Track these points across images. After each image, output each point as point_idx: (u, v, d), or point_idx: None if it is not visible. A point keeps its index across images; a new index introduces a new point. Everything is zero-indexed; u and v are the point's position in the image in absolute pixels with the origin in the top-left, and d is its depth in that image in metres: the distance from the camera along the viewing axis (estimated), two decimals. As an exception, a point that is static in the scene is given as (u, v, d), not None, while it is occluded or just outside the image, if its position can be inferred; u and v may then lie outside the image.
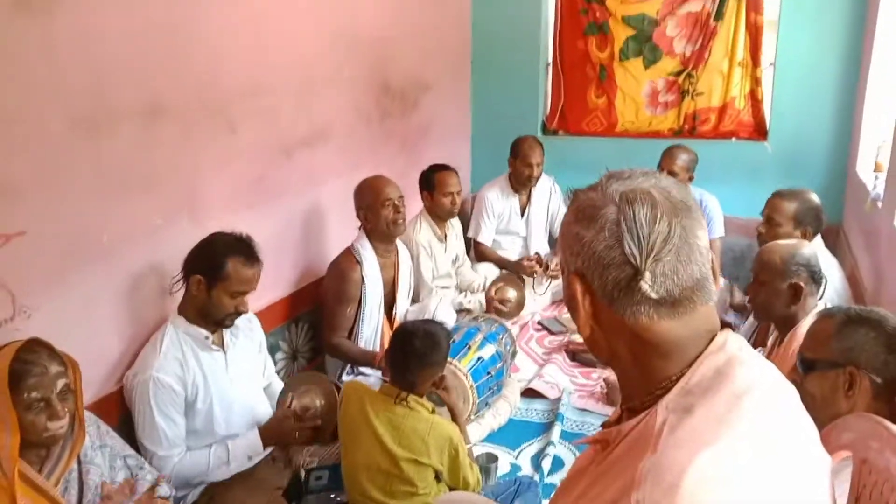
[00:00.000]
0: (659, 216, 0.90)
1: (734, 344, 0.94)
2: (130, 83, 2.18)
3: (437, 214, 3.79)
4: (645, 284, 0.89)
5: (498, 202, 4.35)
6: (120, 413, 2.22)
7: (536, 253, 4.27)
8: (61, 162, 1.97)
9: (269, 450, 2.41)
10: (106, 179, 2.12)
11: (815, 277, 2.31)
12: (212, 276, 2.18)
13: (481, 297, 3.80)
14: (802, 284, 2.26)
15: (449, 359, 2.40)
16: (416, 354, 2.14)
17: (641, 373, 0.94)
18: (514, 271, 4.13)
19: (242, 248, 2.23)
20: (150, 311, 2.34)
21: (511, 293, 3.81)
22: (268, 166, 2.89)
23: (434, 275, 3.76)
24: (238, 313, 2.26)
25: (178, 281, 2.25)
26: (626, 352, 0.95)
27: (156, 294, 2.35)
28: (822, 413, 1.61)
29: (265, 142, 2.87)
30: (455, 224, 4.05)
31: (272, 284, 2.98)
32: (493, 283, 3.89)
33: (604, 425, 1.06)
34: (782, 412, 0.92)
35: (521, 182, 4.27)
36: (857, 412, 1.10)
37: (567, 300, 1.00)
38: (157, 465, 2.14)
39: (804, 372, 1.69)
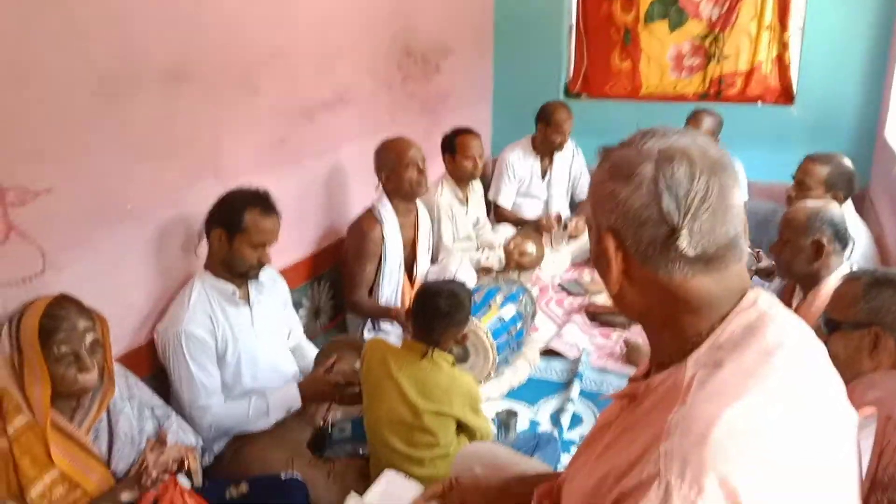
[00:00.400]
0: (697, 174, 0.90)
1: (765, 301, 0.94)
2: (154, 46, 2.18)
3: (459, 177, 3.79)
4: (682, 242, 0.89)
5: (519, 165, 4.33)
6: (150, 366, 2.28)
7: (557, 212, 4.26)
8: (85, 123, 1.99)
9: (296, 404, 2.45)
10: (129, 141, 2.14)
11: (840, 236, 2.29)
12: (231, 229, 2.21)
13: (500, 253, 3.81)
14: (825, 242, 2.24)
15: (470, 317, 2.42)
16: (440, 314, 2.17)
17: (672, 329, 0.95)
18: (534, 229, 4.13)
19: (259, 199, 2.26)
20: (177, 267, 2.38)
21: (530, 247, 3.82)
22: (290, 129, 2.90)
23: (455, 237, 3.77)
24: (261, 265, 2.29)
25: (200, 238, 2.27)
26: (658, 308, 0.95)
27: (181, 252, 2.38)
28: (846, 373, 1.60)
29: (287, 105, 2.88)
30: (477, 187, 4.04)
31: (295, 244, 3.01)
32: (512, 237, 3.89)
33: (631, 379, 1.08)
34: (811, 369, 0.92)
35: (550, 148, 4.24)
36: (882, 370, 1.10)
37: (595, 257, 1.00)
38: (198, 416, 2.19)
39: (829, 332, 1.70)
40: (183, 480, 1.94)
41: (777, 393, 0.85)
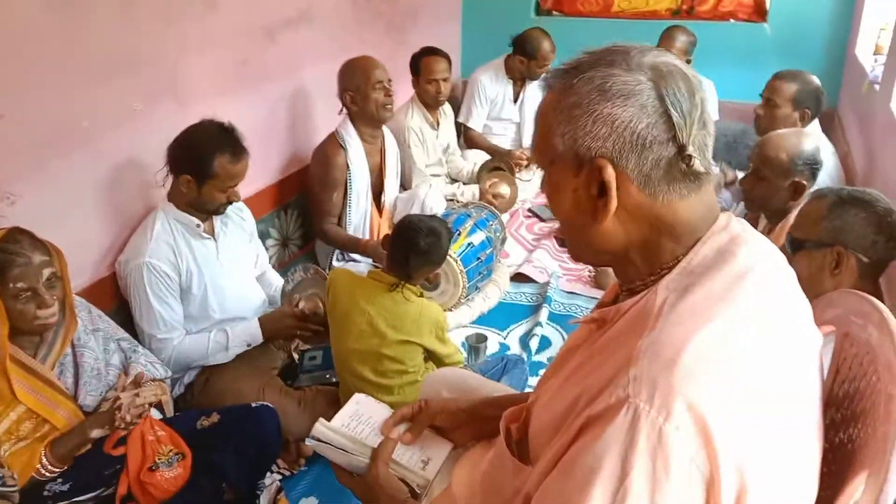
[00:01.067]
0: (694, 89, 0.89)
1: (737, 225, 0.94)
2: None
3: (425, 101, 3.71)
4: (696, 160, 0.87)
5: (491, 87, 4.25)
6: (114, 298, 2.24)
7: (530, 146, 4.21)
8: (34, 43, 1.88)
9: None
10: (83, 62, 2.04)
11: (815, 172, 2.28)
12: (201, 175, 2.14)
13: (475, 188, 3.77)
14: (804, 182, 2.23)
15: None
16: (417, 251, 2.14)
17: (647, 256, 0.93)
18: (505, 161, 4.08)
19: (228, 141, 2.16)
20: (137, 197, 2.32)
21: (505, 189, 3.79)
22: (251, 49, 2.79)
23: (426, 163, 3.71)
24: (230, 203, 2.24)
25: (166, 175, 2.20)
26: (639, 237, 0.92)
27: (141, 181, 2.31)
28: (808, 292, 1.64)
29: (248, 23, 2.76)
30: (448, 112, 3.97)
31: (259, 172, 2.94)
32: (488, 176, 3.85)
33: (599, 305, 1.07)
34: (781, 292, 0.92)
35: (530, 78, 4.15)
36: (841, 289, 1.11)
37: (570, 193, 0.92)
38: (157, 348, 2.18)
39: (792, 251, 1.72)
40: (154, 412, 1.94)
41: (747, 317, 0.84)
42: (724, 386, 0.79)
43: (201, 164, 2.13)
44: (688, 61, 3.87)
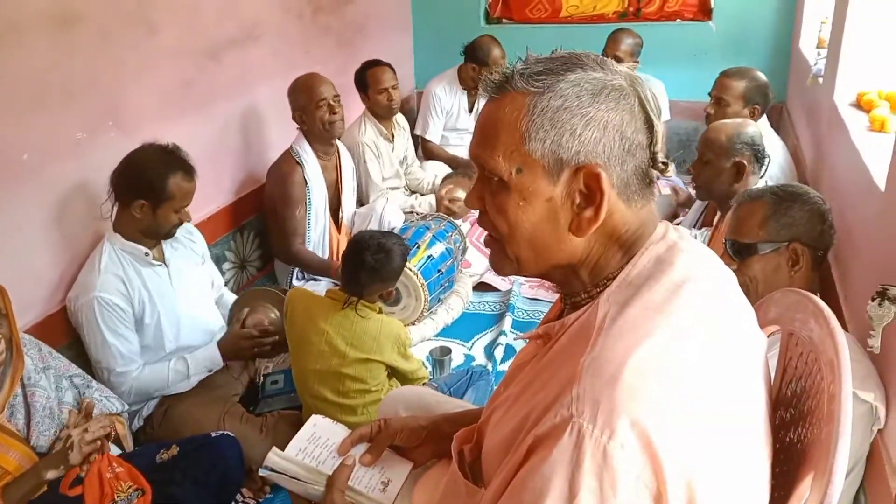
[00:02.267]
0: (653, 95, 0.90)
1: (674, 233, 0.94)
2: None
3: (378, 113, 3.68)
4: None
5: (446, 98, 4.25)
6: (66, 333, 2.19)
7: None
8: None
9: (223, 361, 2.40)
10: (17, 92, 2.00)
11: (759, 156, 2.33)
12: (156, 198, 2.10)
13: (432, 198, 3.76)
14: (746, 163, 2.28)
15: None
16: (365, 267, 2.12)
17: (595, 270, 0.93)
18: (466, 171, 4.07)
19: (177, 161, 2.14)
20: (84, 228, 2.27)
21: (461, 193, 3.77)
22: (195, 70, 2.75)
23: (382, 176, 3.69)
24: (181, 223, 2.21)
25: (113, 206, 2.16)
26: (597, 249, 0.91)
27: (88, 211, 2.26)
28: (766, 293, 1.65)
29: (189, 44, 2.72)
30: (402, 122, 3.95)
31: (212, 194, 2.90)
32: (444, 183, 3.83)
33: (544, 320, 1.06)
34: (721, 298, 0.92)
35: (477, 85, 4.15)
36: (783, 288, 1.12)
37: (537, 201, 0.87)
38: (116, 382, 2.13)
39: (741, 257, 1.71)
40: (112, 447, 1.89)
41: (687, 327, 0.84)
42: (667, 400, 0.79)
43: (155, 187, 2.09)
44: (635, 63, 3.92)
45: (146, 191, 2.10)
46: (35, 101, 2.05)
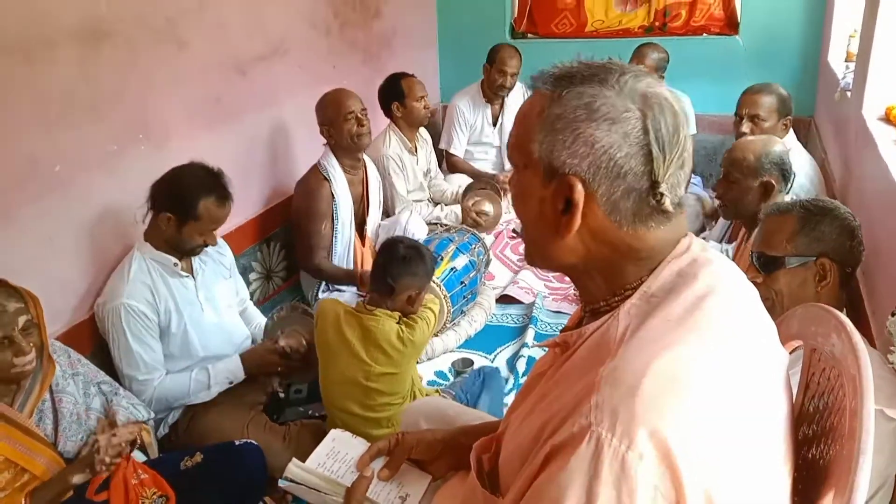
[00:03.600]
0: (679, 126, 0.87)
1: (697, 246, 0.93)
2: (66, 6, 2.07)
3: (411, 123, 3.71)
4: (666, 199, 0.86)
5: (469, 112, 4.27)
6: (94, 341, 2.22)
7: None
8: (-2, 91, 1.89)
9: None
10: (49, 106, 2.05)
11: (786, 175, 2.30)
12: (183, 215, 2.13)
13: (457, 209, 3.77)
14: (774, 182, 2.25)
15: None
16: (398, 258, 2.15)
17: (609, 276, 0.93)
18: (491, 183, 4.07)
19: (215, 186, 2.16)
20: (115, 238, 2.31)
21: (488, 207, 3.78)
22: (223, 85, 2.80)
23: (406, 189, 3.72)
24: (206, 245, 2.23)
25: (147, 213, 2.20)
26: (600, 257, 0.91)
27: (118, 221, 2.31)
28: (792, 307, 1.63)
29: (218, 60, 2.77)
30: (425, 135, 3.98)
31: (240, 206, 2.90)
32: (469, 195, 3.84)
33: (564, 329, 1.06)
34: (743, 313, 0.91)
35: (493, 90, 4.19)
36: (806, 303, 1.11)
37: (536, 200, 0.91)
38: (138, 390, 2.16)
39: (768, 270, 1.70)
40: (137, 454, 1.92)
41: (708, 340, 0.84)
42: (687, 412, 0.78)
43: (186, 204, 2.12)
44: (660, 78, 3.90)
45: (177, 205, 2.13)
46: (67, 115, 2.10)
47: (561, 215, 0.89)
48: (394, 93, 3.66)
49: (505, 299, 3.28)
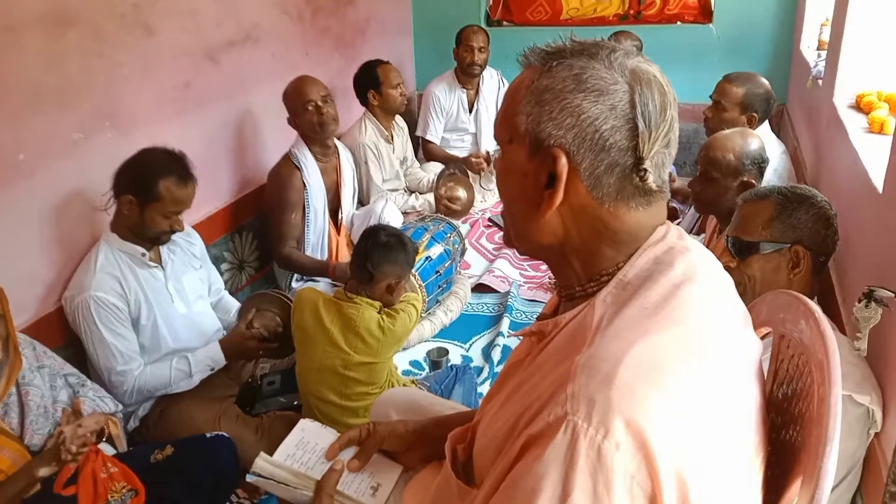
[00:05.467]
0: (667, 104, 0.87)
1: (674, 234, 0.93)
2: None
3: (387, 111, 3.69)
4: (650, 175, 0.85)
5: (445, 98, 4.26)
6: (62, 333, 2.18)
7: (486, 151, 4.21)
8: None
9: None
10: (13, 94, 2.00)
11: (762, 170, 2.31)
12: (144, 197, 2.09)
13: (430, 196, 3.76)
14: (753, 181, 2.25)
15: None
16: (378, 245, 2.14)
17: (586, 260, 0.92)
18: (462, 168, 4.07)
19: (175, 166, 2.13)
20: (81, 228, 2.26)
21: (461, 192, 3.78)
22: (193, 72, 2.75)
23: (382, 178, 3.70)
24: (172, 232, 2.19)
25: (110, 199, 2.16)
26: (578, 238, 0.90)
27: (84, 211, 2.26)
28: (764, 292, 1.64)
29: (187, 46, 2.72)
30: (401, 123, 3.95)
31: (211, 195, 2.90)
32: (443, 182, 3.83)
33: (539, 317, 1.05)
34: (719, 301, 0.91)
35: (464, 70, 4.18)
36: (775, 290, 1.11)
37: (518, 173, 0.90)
38: (117, 381, 2.12)
39: (742, 255, 1.70)
40: (106, 448, 1.89)
41: (684, 329, 0.83)
42: (663, 400, 0.78)
43: (145, 185, 2.09)
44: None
45: (137, 186, 2.09)
46: (31, 103, 2.05)
47: (543, 190, 0.88)
48: (369, 81, 3.63)
49: (480, 288, 3.27)
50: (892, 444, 1.28)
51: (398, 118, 3.89)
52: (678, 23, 4.59)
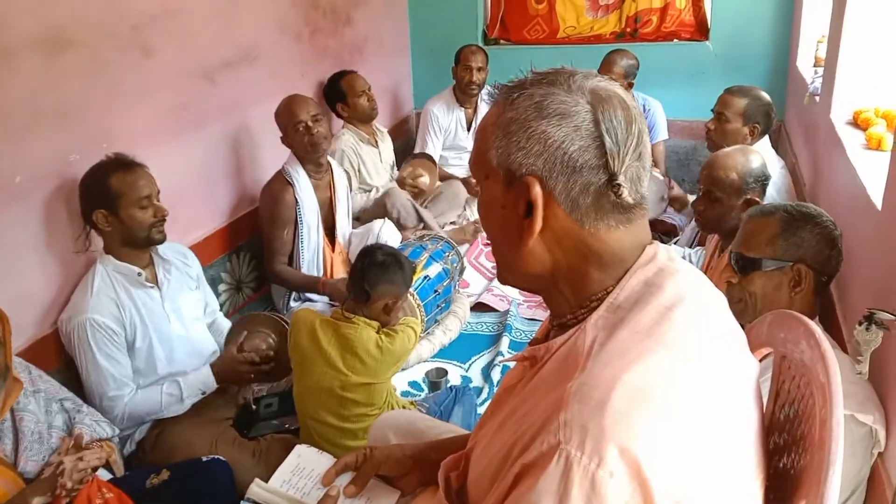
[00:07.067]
0: (632, 119, 0.87)
1: (664, 255, 0.92)
2: (26, 14, 2.03)
3: (360, 119, 3.74)
4: (624, 190, 0.85)
5: (443, 116, 4.28)
6: (58, 357, 2.16)
7: None
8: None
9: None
10: (10, 116, 1.99)
11: (764, 187, 2.30)
12: (107, 202, 2.09)
13: (392, 184, 3.80)
14: (757, 199, 2.24)
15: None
16: (375, 265, 2.13)
17: (575, 286, 0.91)
18: (428, 154, 4.14)
19: (113, 163, 2.13)
20: (78, 251, 2.24)
21: (425, 179, 3.84)
22: (190, 92, 2.75)
23: (368, 181, 3.74)
24: (159, 219, 2.17)
25: (84, 234, 2.17)
26: (565, 263, 0.90)
27: (81, 233, 2.25)
28: (764, 311, 1.63)
29: (185, 67, 2.72)
30: (384, 130, 4.00)
31: (208, 215, 2.90)
32: (405, 165, 3.91)
33: (532, 342, 1.04)
34: (712, 322, 0.90)
35: (462, 89, 4.20)
36: (775, 310, 1.10)
37: (499, 208, 0.90)
38: (108, 406, 2.10)
39: (744, 271, 1.69)
40: (102, 472, 1.86)
41: (677, 352, 0.82)
42: (657, 426, 0.77)
43: (100, 192, 2.09)
44: (629, 84, 3.93)
45: (95, 199, 2.10)
46: (28, 125, 2.05)
47: (523, 220, 0.88)
48: (335, 94, 3.69)
49: (480, 307, 3.26)
50: (897, 465, 1.26)
51: (379, 125, 3.95)
52: (675, 40, 4.61)
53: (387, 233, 3.20)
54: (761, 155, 2.40)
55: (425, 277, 2.90)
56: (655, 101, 4.16)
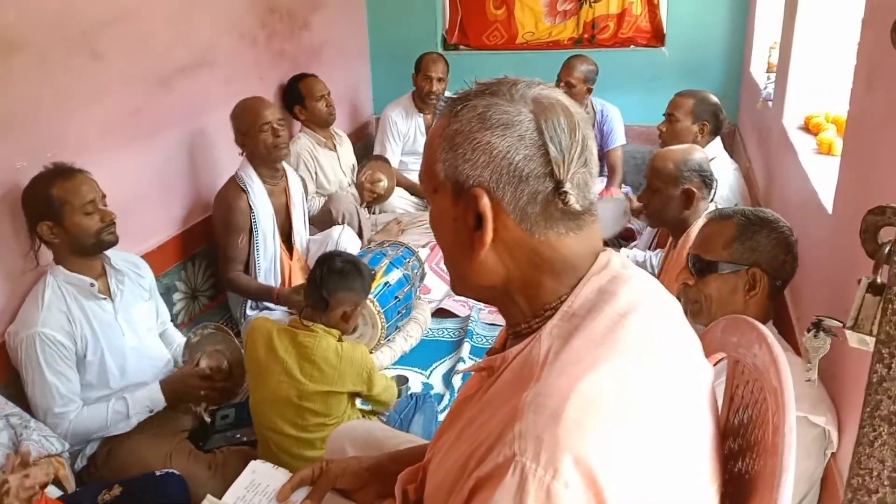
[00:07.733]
0: (575, 125, 0.87)
1: (617, 262, 0.92)
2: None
3: (317, 123, 3.71)
4: (571, 197, 0.85)
5: (402, 122, 4.27)
6: (5, 370, 2.09)
7: None
8: None
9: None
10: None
11: (707, 182, 2.34)
12: (50, 212, 2.02)
13: (354, 191, 3.76)
14: (695, 190, 2.29)
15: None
16: (334, 272, 2.11)
17: (529, 295, 0.91)
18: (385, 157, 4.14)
19: (52, 172, 2.06)
20: (25, 261, 2.16)
21: (383, 183, 3.82)
22: (144, 98, 2.69)
23: (326, 186, 3.71)
24: (108, 223, 2.11)
25: (34, 249, 2.10)
26: (518, 273, 0.90)
27: (29, 244, 2.17)
28: (719, 314, 1.65)
29: (138, 72, 2.66)
30: (342, 134, 3.98)
31: (162, 224, 2.84)
32: (363, 169, 3.89)
33: (489, 352, 1.03)
34: (666, 329, 0.90)
35: (422, 98, 4.19)
36: (729, 315, 1.10)
37: (450, 220, 0.90)
38: (53, 423, 2.04)
39: (701, 274, 1.72)
40: (52, 490, 1.80)
41: (631, 360, 0.82)
42: (612, 435, 0.76)
43: (42, 202, 2.02)
44: (588, 90, 3.97)
45: (38, 210, 2.04)
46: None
47: (474, 232, 0.88)
48: (293, 97, 3.67)
49: (441, 312, 3.24)
50: (849, 464, 1.28)
51: (338, 129, 3.93)
52: (631, 46, 4.67)
53: (346, 240, 3.17)
54: (704, 153, 2.48)
55: (385, 284, 2.87)
56: (613, 106, 4.20)
